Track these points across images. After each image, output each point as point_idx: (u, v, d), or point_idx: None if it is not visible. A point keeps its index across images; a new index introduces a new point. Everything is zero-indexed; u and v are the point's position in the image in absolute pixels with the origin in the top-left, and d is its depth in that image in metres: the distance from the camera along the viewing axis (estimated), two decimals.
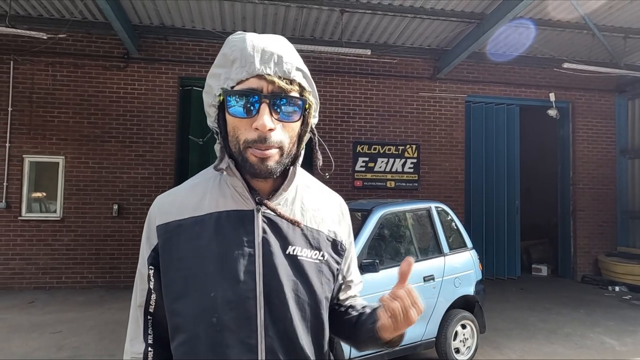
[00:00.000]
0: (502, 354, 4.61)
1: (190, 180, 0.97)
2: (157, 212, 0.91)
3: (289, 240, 0.89)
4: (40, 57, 7.25)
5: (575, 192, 9.00)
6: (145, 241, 0.91)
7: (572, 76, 8.61)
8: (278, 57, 0.83)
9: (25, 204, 7.21)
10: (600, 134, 9.10)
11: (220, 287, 0.82)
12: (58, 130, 7.29)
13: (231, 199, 0.89)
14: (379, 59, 8.11)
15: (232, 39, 0.87)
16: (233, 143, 0.86)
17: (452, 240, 4.48)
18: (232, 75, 0.83)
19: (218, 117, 0.88)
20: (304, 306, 0.87)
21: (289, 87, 0.84)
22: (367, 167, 8.12)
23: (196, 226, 0.87)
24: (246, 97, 0.82)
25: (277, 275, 0.85)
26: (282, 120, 0.83)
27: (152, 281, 0.89)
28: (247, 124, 0.83)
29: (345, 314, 1.02)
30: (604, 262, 8.51)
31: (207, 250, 0.84)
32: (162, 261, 0.87)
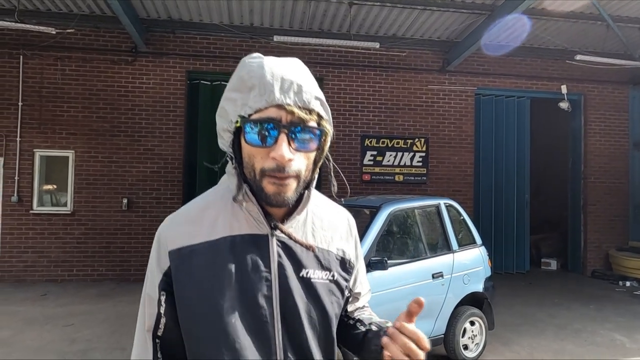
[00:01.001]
0: (511, 350, 4.60)
1: (199, 201, 0.94)
2: (168, 235, 0.88)
3: (302, 263, 0.90)
4: (49, 52, 7.28)
5: (586, 186, 8.88)
6: (156, 265, 0.88)
7: (584, 68, 8.45)
8: (298, 86, 0.83)
9: (37, 198, 7.30)
10: (613, 126, 8.95)
11: (240, 313, 0.83)
12: (67, 124, 7.34)
13: (245, 222, 0.88)
14: (387, 51, 8.03)
15: (250, 63, 0.86)
16: (248, 170, 0.85)
17: (461, 236, 4.46)
18: (249, 102, 0.82)
19: (233, 142, 0.87)
20: (316, 326, 0.89)
21: (307, 117, 0.83)
22: (375, 161, 8.08)
23: (211, 251, 0.86)
24: (265, 126, 0.81)
25: (293, 299, 0.87)
26: (300, 150, 0.83)
27: (163, 306, 0.86)
28: (265, 152, 0.82)
29: (353, 327, 1.03)
30: (615, 256, 8.43)
31: (224, 275, 0.84)
32: (177, 287, 0.85)
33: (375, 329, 0.97)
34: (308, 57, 7.88)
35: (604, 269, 8.63)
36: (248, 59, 0.87)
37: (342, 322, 1.03)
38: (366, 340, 0.96)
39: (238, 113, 0.83)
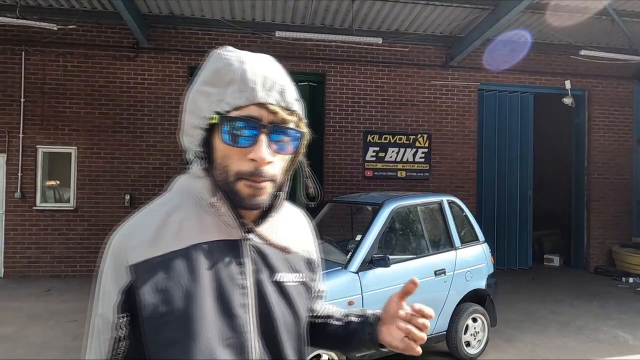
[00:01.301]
0: (513, 347, 4.60)
1: (158, 206, 0.84)
2: (128, 248, 0.78)
3: (274, 266, 0.87)
4: (51, 48, 7.27)
5: (589, 182, 8.84)
6: (112, 283, 0.77)
7: (589, 63, 8.38)
8: (281, 86, 0.80)
9: (40, 194, 7.32)
10: (617, 122, 8.89)
11: (216, 326, 0.77)
12: (70, 120, 7.35)
13: (215, 227, 0.82)
14: (390, 47, 7.98)
15: (227, 57, 0.80)
16: (220, 171, 0.80)
17: (463, 233, 4.44)
18: (227, 98, 0.77)
19: (204, 141, 0.81)
20: (290, 330, 0.87)
21: (290, 118, 0.80)
22: (378, 157, 8.06)
23: (181, 261, 0.78)
24: (244, 125, 0.76)
25: (269, 305, 0.84)
26: (279, 152, 0.80)
27: (122, 330, 0.77)
28: (242, 153, 0.77)
29: (326, 325, 1.04)
30: (618, 253, 8.40)
31: (197, 286, 0.77)
32: (143, 306, 0.75)
33: (358, 320, 0.99)
34: (310, 53, 7.85)
35: (607, 265, 8.61)
36: (223, 52, 0.82)
37: (311, 323, 1.01)
38: (355, 331, 0.98)
39: (213, 109, 0.78)
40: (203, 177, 0.81)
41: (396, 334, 0.90)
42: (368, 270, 3.63)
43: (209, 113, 0.78)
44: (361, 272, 3.60)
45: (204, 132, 0.80)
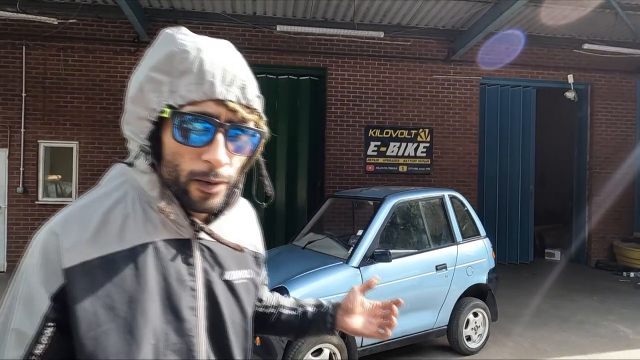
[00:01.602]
0: (514, 341, 4.62)
1: (97, 201, 0.75)
2: (61, 247, 0.68)
3: (224, 265, 0.83)
4: (52, 42, 7.25)
5: (591, 177, 8.83)
6: (39, 288, 0.66)
7: (592, 57, 8.33)
8: (242, 81, 0.73)
9: (42, 188, 7.34)
10: (620, 116, 8.86)
11: (162, 331, 0.71)
12: (71, 115, 7.34)
13: (162, 226, 0.75)
14: (392, 40, 7.94)
15: (182, 41, 0.71)
16: (169, 169, 0.72)
17: (465, 228, 4.45)
18: (180, 90, 0.69)
19: (151, 134, 0.72)
20: (237, 329, 0.84)
21: (250, 117, 0.74)
22: (379, 152, 8.05)
23: (124, 263, 0.70)
24: (200, 123, 0.69)
25: (219, 306, 0.80)
26: (237, 153, 0.74)
27: (41, 344, 0.65)
28: (195, 153, 0.70)
29: (279, 315, 1.09)
30: (620, 247, 8.40)
31: (142, 291, 0.70)
32: (79, 315, 0.66)
33: (314, 310, 1.08)
34: (311, 47, 7.82)
35: (608, 260, 8.62)
36: (177, 34, 0.72)
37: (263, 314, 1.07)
38: (313, 320, 1.07)
39: (165, 101, 0.69)
40: (149, 173, 0.73)
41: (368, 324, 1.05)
42: (369, 265, 3.64)
43: (158, 105, 0.70)
44: (362, 267, 3.61)
45: (152, 125, 0.71)
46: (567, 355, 4.28)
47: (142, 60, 0.76)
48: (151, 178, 0.73)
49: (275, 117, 7.98)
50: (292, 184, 8.15)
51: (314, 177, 8.28)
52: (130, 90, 0.74)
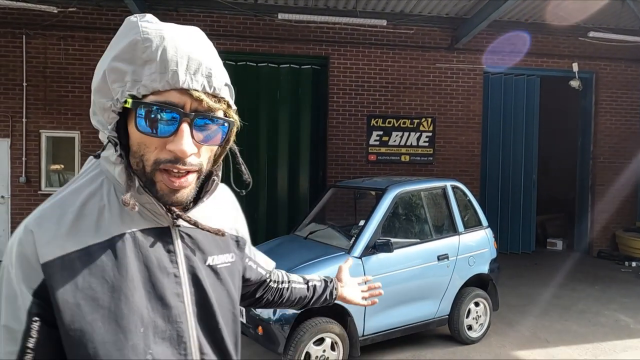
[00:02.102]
0: (515, 330, 4.64)
1: (71, 195, 0.74)
2: (37, 243, 0.67)
3: (206, 250, 0.83)
4: (52, 31, 7.20)
5: (595, 166, 8.78)
6: (20, 285, 0.67)
7: (597, 45, 8.23)
8: (207, 69, 0.71)
9: (45, 178, 7.36)
10: (625, 105, 8.77)
11: (149, 319, 0.72)
12: (72, 105, 7.33)
13: (139, 215, 0.75)
14: (394, 29, 7.85)
15: (145, 28, 0.69)
16: (136, 160, 0.71)
17: (467, 218, 4.44)
18: (144, 79, 0.67)
19: (118, 124, 0.71)
20: (225, 313, 0.85)
21: (216, 106, 0.72)
22: (382, 141, 8.01)
23: (104, 254, 0.70)
24: (164, 113, 0.68)
25: (204, 291, 0.80)
26: (204, 143, 0.72)
27: (32, 338, 0.66)
28: (161, 143, 0.69)
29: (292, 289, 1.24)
30: (622, 237, 8.40)
31: (125, 280, 0.70)
32: (62, 308, 0.66)
33: (321, 284, 1.29)
34: (313, 35, 7.74)
35: (610, 249, 8.61)
36: (141, 21, 0.70)
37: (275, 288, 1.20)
38: (322, 293, 1.27)
39: (127, 91, 0.68)
40: (119, 164, 0.72)
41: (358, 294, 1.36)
42: (371, 255, 3.65)
43: (122, 95, 0.68)
44: (364, 257, 3.62)
45: (117, 116, 0.70)
46: (568, 345, 4.30)
47: (106, 50, 0.74)
48: (121, 169, 0.72)
49: (276, 107, 7.94)
50: (294, 174, 8.14)
51: (316, 167, 8.26)
52: (95, 80, 0.73)
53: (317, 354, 3.41)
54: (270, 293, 1.19)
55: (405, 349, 4.10)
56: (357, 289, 1.36)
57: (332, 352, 3.48)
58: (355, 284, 1.37)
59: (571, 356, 4.06)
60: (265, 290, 1.18)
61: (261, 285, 1.16)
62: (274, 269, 1.20)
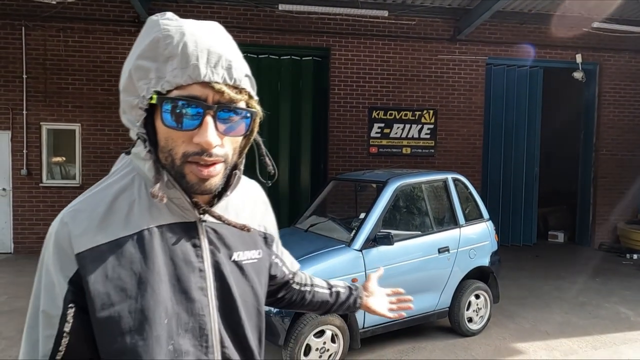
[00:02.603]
0: (515, 322, 4.65)
1: (104, 189, 0.78)
2: (73, 235, 0.72)
3: (231, 246, 0.85)
4: (51, 23, 7.16)
5: (597, 159, 8.74)
6: (57, 273, 0.71)
7: (601, 36, 8.15)
8: (227, 61, 0.72)
9: (46, 171, 7.36)
10: (629, 97, 8.70)
11: (173, 311, 0.75)
12: (73, 97, 7.31)
13: (167, 210, 0.78)
14: (396, 20, 7.78)
15: (166, 26, 0.71)
16: (165, 155, 0.74)
17: (468, 211, 4.43)
18: (167, 75, 0.70)
19: (146, 121, 0.74)
20: (249, 308, 0.86)
21: (238, 97, 0.74)
22: (383, 134, 7.98)
23: (131, 247, 0.74)
24: (187, 106, 0.70)
25: (228, 286, 0.82)
26: (228, 134, 0.74)
27: (69, 323, 0.71)
28: (187, 136, 0.71)
29: (314, 293, 1.21)
30: (624, 229, 8.38)
31: (152, 272, 0.73)
32: (93, 296, 0.70)
33: (345, 291, 1.26)
34: (314, 27, 7.68)
35: (611, 242, 8.61)
36: (162, 19, 0.73)
37: (297, 290, 1.19)
38: (345, 300, 1.24)
39: (152, 88, 0.70)
40: (148, 160, 0.74)
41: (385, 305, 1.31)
42: (372, 248, 3.65)
43: (147, 92, 0.71)
44: (365, 249, 3.62)
45: (144, 113, 0.73)
46: (568, 337, 4.31)
47: (131, 49, 0.76)
48: (151, 164, 0.74)
49: (277, 99, 7.90)
50: (295, 166, 8.13)
51: (317, 159, 8.25)
52: (121, 80, 0.75)
53: (318, 346, 3.43)
54: (292, 294, 1.18)
55: (405, 341, 4.12)
56: (384, 299, 1.32)
57: (332, 344, 3.50)
58: (383, 294, 1.33)
59: (571, 348, 4.07)
60: (288, 291, 1.17)
61: (284, 285, 1.16)
62: (298, 271, 1.20)
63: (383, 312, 1.30)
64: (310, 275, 1.25)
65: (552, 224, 9.81)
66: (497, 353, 3.95)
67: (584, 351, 4.02)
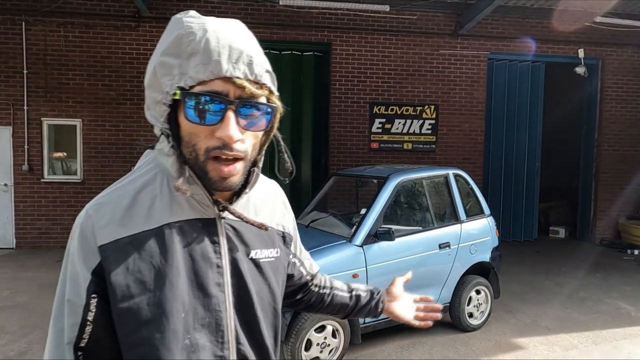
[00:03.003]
0: (515, 318, 4.67)
1: (128, 184, 0.80)
2: (96, 228, 0.74)
3: (249, 244, 0.86)
4: (52, 18, 7.14)
5: (599, 154, 8.72)
6: (81, 264, 0.74)
7: (604, 30, 8.10)
8: (248, 57, 0.74)
9: (47, 166, 7.37)
10: (631, 92, 8.66)
11: (190, 305, 0.77)
12: (74, 92, 7.30)
13: (188, 206, 0.80)
14: (397, 14, 7.75)
15: (189, 23, 0.74)
16: (188, 150, 0.75)
17: (469, 207, 4.43)
18: (190, 71, 0.72)
19: (169, 117, 0.76)
20: (265, 306, 0.87)
21: (259, 92, 0.75)
22: (384, 129, 7.97)
23: (153, 241, 0.75)
24: (209, 101, 0.71)
25: (245, 283, 0.83)
26: (249, 129, 0.75)
27: (92, 312, 0.73)
28: (209, 131, 0.73)
29: (333, 296, 1.20)
30: (625, 225, 8.38)
31: (170, 267, 0.75)
32: (114, 287, 0.72)
33: (366, 294, 1.23)
34: (315, 22, 7.64)
35: (612, 237, 8.60)
36: (185, 17, 0.75)
37: (316, 292, 1.18)
38: (366, 304, 1.22)
39: (176, 84, 0.72)
40: (171, 155, 0.76)
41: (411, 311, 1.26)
42: (373, 243, 3.65)
43: (171, 88, 0.73)
44: (366, 245, 3.62)
45: (168, 108, 0.75)
46: (569, 332, 4.32)
47: (156, 47, 0.79)
48: (174, 159, 0.76)
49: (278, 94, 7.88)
50: (296, 162, 8.12)
51: (317, 155, 8.24)
52: (147, 77, 0.78)
53: (319, 341, 3.44)
54: (311, 296, 1.18)
55: (406, 336, 4.13)
56: (410, 305, 1.27)
57: (333, 340, 3.51)
58: (409, 300, 1.29)
59: (571, 343, 4.08)
60: (306, 293, 1.17)
61: (302, 287, 1.16)
62: (317, 273, 1.20)
63: (408, 319, 1.25)
64: (331, 278, 1.23)
65: (553, 220, 9.81)
66: (497, 348, 3.96)
67: (584, 346, 4.03)
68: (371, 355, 3.79)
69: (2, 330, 4.11)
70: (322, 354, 3.47)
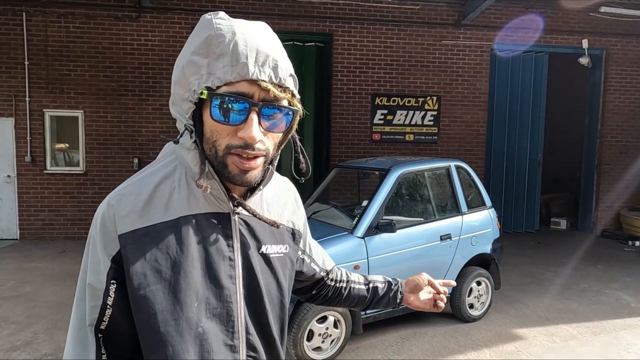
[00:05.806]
0: (516, 308, 4.70)
1: (148, 176, 0.84)
2: (116, 217, 0.78)
3: (261, 239, 0.90)
4: (52, 9, 7.10)
5: (602, 145, 8.69)
6: (102, 251, 0.78)
7: (609, 20, 8.02)
8: (274, 61, 0.77)
9: (50, 157, 7.39)
10: (635, 83, 8.61)
11: (203, 295, 0.80)
12: (75, 84, 7.29)
13: (204, 200, 0.83)
14: (400, 5, 7.68)
15: (218, 25, 0.76)
16: (209, 146, 0.79)
17: (470, 199, 4.44)
18: (217, 72, 0.74)
19: (194, 114, 0.79)
20: (273, 300, 0.91)
21: (282, 96, 0.78)
22: (386, 120, 7.95)
23: (169, 232, 0.79)
24: (235, 102, 0.74)
25: (255, 276, 0.87)
26: (271, 130, 0.78)
27: (111, 297, 0.78)
28: (232, 130, 0.76)
29: (350, 289, 1.21)
30: (626, 216, 8.38)
31: (185, 258, 0.79)
32: (131, 275, 0.76)
33: (384, 286, 1.23)
34: (317, 12, 7.59)
35: (614, 228, 8.61)
36: (215, 19, 0.77)
37: (332, 286, 1.20)
38: (384, 295, 1.22)
39: (204, 83, 0.75)
40: (193, 150, 0.80)
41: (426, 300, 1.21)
42: (374, 235, 3.67)
43: (198, 87, 0.75)
44: (367, 237, 3.64)
45: (194, 106, 0.77)
46: (569, 323, 4.35)
47: (185, 45, 0.81)
48: (195, 154, 0.80)
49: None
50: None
51: (319, 146, 8.23)
52: (175, 74, 0.80)
53: (320, 331, 3.48)
54: (327, 291, 1.20)
55: (407, 326, 4.17)
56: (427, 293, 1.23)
57: (335, 330, 3.55)
58: (427, 288, 1.25)
59: (571, 334, 4.11)
60: (322, 288, 1.20)
61: (318, 282, 1.18)
62: (334, 268, 1.22)
63: (427, 308, 1.22)
64: (347, 272, 1.25)
65: (555, 211, 9.81)
66: (497, 338, 4.00)
67: (583, 337, 4.06)
68: (372, 345, 3.83)
69: (8, 320, 4.16)
70: (323, 344, 3.51)
